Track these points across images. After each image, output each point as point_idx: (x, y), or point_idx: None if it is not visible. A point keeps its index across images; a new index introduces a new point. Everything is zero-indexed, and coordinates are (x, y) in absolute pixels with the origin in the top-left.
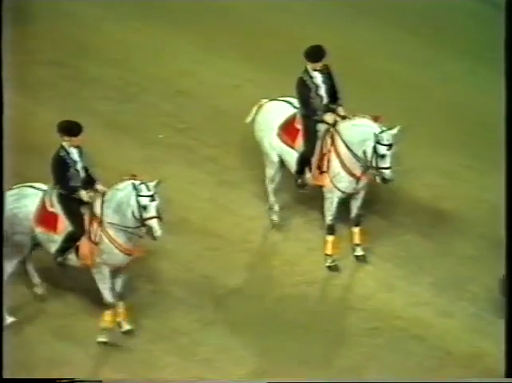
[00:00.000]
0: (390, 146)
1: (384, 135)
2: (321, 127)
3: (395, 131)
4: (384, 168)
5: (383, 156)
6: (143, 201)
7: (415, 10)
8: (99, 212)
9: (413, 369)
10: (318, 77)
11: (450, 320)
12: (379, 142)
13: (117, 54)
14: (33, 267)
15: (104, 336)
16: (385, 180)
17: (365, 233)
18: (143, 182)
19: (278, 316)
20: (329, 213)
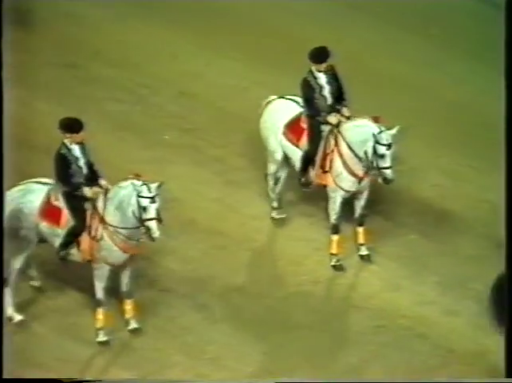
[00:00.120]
0: (389, 146)
1: (383, 135)
2: (325, 127)
3: (394, 131)
4: (385, 168)
5: (382, 156)
6: (144, 202)
7: (416, 10)
8: (101, 209)
9: (417, 367)
10: (322, 78)
11: (455, 318)
12: (378, 142)
13: (126, 56)
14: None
15: (102, 335)
16: (386, 180)
17: (369, 233)
18: (145, 183)
19: (284, 314)
20: (334, 212)
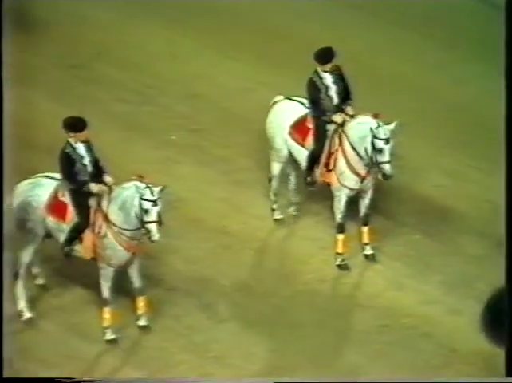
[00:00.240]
0: (387, 140)
1: (381, 129)
2: (331, 126)
3: (392, 126)
4: (384, 163)
5: (381, 151)
6: (146, 205)
7: (418, 11)
8: (105, 208)
9: (421, 366)
10: (328, 78)
11: (459, 318)
12: (376, 136)
13: (134, 57)
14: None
15: (109, 333)
16: (385, 176)
17: (374, 232)
18: (148, 186)
19: (289, 313)
20: (339, 211)
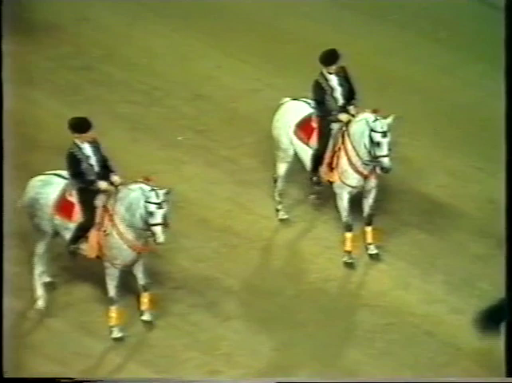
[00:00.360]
0: (384, 133)
1: (378, 123)
2: (335, 125)
3: (389, 119)
4: (382, 156)
5: (378, 144)
6: (151, 207)
7: (425, 13)
8: (111, 207)
9: (425, 364)
10: (334, 80)
11: (462, 317)
12: (373, 130)
13: (141, 59)
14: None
15: (116, 332)
16: (384, 169)
17: (378, 232)
18: (153, 189)
19: (295, 312)
20: (343, 210)
